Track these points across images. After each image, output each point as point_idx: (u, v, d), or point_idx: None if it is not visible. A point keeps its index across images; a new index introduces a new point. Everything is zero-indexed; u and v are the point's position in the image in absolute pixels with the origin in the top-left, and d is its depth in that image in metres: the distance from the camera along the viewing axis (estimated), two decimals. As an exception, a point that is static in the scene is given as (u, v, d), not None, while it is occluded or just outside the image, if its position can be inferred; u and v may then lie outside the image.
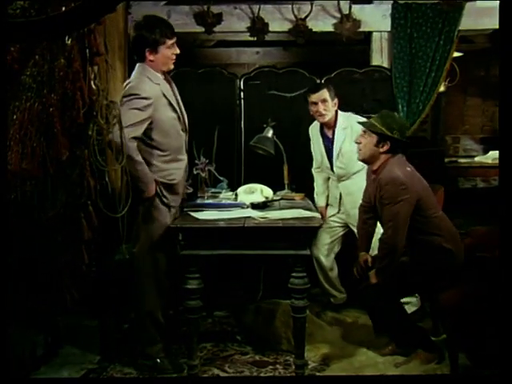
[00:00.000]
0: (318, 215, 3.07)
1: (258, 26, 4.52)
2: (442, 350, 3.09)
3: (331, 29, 4.53)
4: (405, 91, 4.42)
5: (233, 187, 3.81)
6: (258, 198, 3.30)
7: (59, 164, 2.69)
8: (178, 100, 3.11)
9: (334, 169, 3.81)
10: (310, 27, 4.50)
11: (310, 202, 3.58)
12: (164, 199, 3.02)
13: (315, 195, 4.01)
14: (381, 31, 4.56)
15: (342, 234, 3.91)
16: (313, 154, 4.04)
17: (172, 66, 3.06)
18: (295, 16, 4.48)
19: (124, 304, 3.37)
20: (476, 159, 5.12)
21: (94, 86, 2.72)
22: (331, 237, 3.90)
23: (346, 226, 3.89)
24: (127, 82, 3.07)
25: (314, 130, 3.97)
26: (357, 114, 4.40)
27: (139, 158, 2.92)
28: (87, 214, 2.88)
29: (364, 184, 3.55)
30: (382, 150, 3.08)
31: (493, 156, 4.83)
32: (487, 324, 2.74)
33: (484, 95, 6.36)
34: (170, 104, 3.04)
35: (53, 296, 2.96)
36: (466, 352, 2.93)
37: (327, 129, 3.86)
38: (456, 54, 4.68)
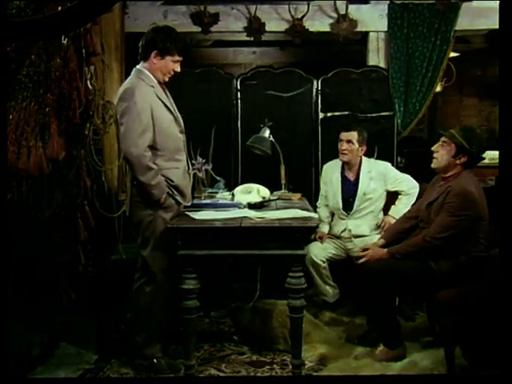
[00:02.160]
0: (314, 215, 3.07)
1: (255, 26, 4.52)
2: (404, 348, 3.14)
3: (328, 29, 4.54)
4: (401, 91, 4.43)
5: (230, 187, 3.81)
6: (255, 198, 3.30)
7: (55, 164, 2.69)
8: (172, 103, 3.14)
9: (354, 207, 3.88)
10: (306, 27, 4.50)
11: (306, 202, 3.58)
12: (176, 197, 3.04)
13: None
14: (377, 31, 4.57)
15: (341, 257, 3.91)
16: (322, 192, 4.08)
17: (166, 79, 3.08)
18: (292, 16, 4.48)
19: (121, 304, 3.36)
20: (473, 159, 5.11)
21: (90, 86, 2.72)
22: (335, 249, 3.90)
23: (346, 255, 3.90)
24: (123, 85, 3.07)
25: (331, 169, 4.02)
26: (353, 113, 4.44)
27: (155, 166, 2.94)
28: (84, 214, 2.88)
29: (372, 223, 3.84)
30: (458, 161, 3.14)
31: (489, 156, 4.81)
32: (484, 323, 2.75)
33: (480, 95, 6.38)
34: (166, 106, 3.05)
35: (49, 296, 2.96)
36: (463, 351, 2.94)
37: (348, 171, 3.94)
38: (452, 54, 4.70)
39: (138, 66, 3.08)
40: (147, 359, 3.06)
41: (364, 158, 3.94)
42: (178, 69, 3.08)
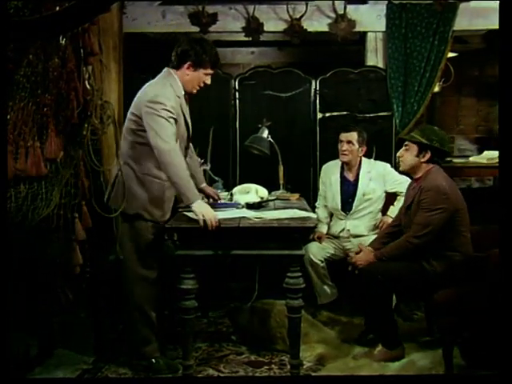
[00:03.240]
0: (313, 215, 3.07)
1: (253, 26, 4.52)
2: (403, 348, 3.15)
3: (326, 29, 4.54)
4: (400, 91, 4.43)
5: (228, 187, 3.81)
6: (253, 198, 3.30)
7: (53, 164, 2.69)
8: (189, 116, 3.11)
9: (353, 207, 3.88)
10: (304, 27, 4.50)
11: (305, 203, 3.58)
12: (152, 214, 3.00)
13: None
14: (376, 31, 4.57)
15: (339, 257, 3.90)
16: (321, 192, 4.09)
17: (194, 92, 3.07)
18: (290, 16, 4.48)
19: (118, 304, 3.36)
20: (471, 159, 5.13)
21: (88, 86, 2.71)
22: (333, 249, 3.91)
23: (344, 256, 3.89)
24: (150, 85, 3.03)
25: (330, 169, 4.03)
26: (352, 113, 4.45)
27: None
28: (81, 214, 2.88)
29: (370, 223, 3.88)
30: (423, 159, 3.21)
31: (487, 156, 4.83)
32: (482, 323, 2.75)
33: (478, 95, 6.36)
34: (185, 121, 3.05)
35: (47, 296, 2.96)
36: (461, 351, 2.94)
37: (348, 171, 3.95)
38: (450, 55, 4.69)
39: (170, 71, 3.04)
40: (145, 359, 3.06)
41: (364, 159, 3.94)
42: (209, 81, 3.06)
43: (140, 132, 2.96)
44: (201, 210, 2.75)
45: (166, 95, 2.92)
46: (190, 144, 3.23)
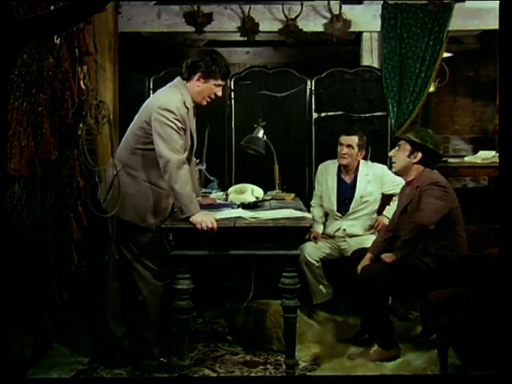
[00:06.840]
0: (308, 215, 3.07)
1: (249, 26, 4.52)
2: (398, 349, 3.16)
3: (321, 29, 4.54)
4: (395, 91, 4.44)
5: (223, 187, 3.81)
6: (249, 198, 3.30)
7: (48, 164, 2.68)
8: (194, 131, 3.10)
9: (350, 209, 3.89)
10: (300, 27, 4.50)
11: (300, 202, 3.58)
12: (146, 222, 2.98)
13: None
14: (371, 31, 4.57)
15: (335, 257, 3.92)
16: (316, 192, 4.09)
17: (204, 103, 3.05)
18: (286, 16, 4.48)
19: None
20: (466, 159, 5.13)
21: (83, 86, 2.71)
22: (329, 249, 3.91)
23: (340, 255, 3.91)
24: (161, 92, 3.03)
25: (326, 169, 4.03)
26: (347, 113, 4.45)
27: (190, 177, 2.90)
28: (77, 214, 2.87)
29: (366, 223, 3.88)
30: (414, 160, 3.21)
31: (482, 156, 4.84)
32: (477, 323, 2.75)
33: (473, 95, 6.39)
34: (191, 134, 3.02)
35: (42, 296, 2.95)
36: (456, 351, 2.94)
37: (345, 173, 3.95)
38: (446, 55, 4.70)
39: (182, 81, 3.01)
40: (155, 359, 3.04)
41: (361, 161, 3.94)
42: (220, 93, 3.05)
43: (145, 139, 2.93)
44: (200, 218, 2.76)
45: (176, 104, 2.89)
46: (193, 156, 3.20)
